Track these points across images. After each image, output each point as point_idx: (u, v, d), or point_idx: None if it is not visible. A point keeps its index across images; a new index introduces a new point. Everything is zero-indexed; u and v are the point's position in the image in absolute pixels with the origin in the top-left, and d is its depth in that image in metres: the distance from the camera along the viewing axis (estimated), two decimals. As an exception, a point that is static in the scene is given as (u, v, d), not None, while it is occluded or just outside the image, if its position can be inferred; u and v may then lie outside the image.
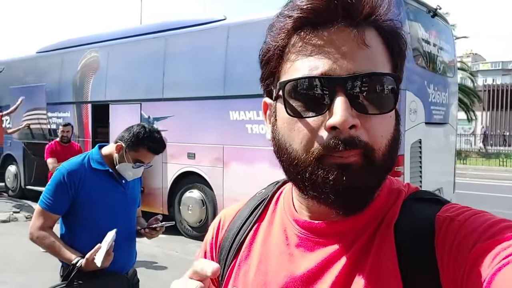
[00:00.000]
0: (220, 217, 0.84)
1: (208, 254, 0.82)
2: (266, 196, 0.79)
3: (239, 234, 0.77)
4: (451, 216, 0.59)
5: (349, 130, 0.56)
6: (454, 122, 6.73)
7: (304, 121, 0.59)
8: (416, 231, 0.60)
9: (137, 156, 2.19)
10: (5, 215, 7.76)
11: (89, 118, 8.18)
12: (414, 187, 0.69)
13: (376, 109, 0.59)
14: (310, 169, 0.59)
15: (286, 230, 0.70)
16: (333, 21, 0.58)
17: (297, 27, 0.60)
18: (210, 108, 6.50)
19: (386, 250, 0.60)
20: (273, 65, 0.64)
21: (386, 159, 0.60)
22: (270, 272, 0.68)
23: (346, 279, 0.61)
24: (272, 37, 0.64)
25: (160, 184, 7.09)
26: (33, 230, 2.09)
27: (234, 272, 0.74)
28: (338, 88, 0.57)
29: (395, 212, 0.63)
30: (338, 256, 0.63)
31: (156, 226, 2.31)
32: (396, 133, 0.63)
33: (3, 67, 10.26)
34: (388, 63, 0.62)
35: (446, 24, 6.42)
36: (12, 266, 5.20)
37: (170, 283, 0.68)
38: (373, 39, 0.60)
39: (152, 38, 7.37)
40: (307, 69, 0.59)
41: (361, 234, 0.63)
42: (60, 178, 2.06)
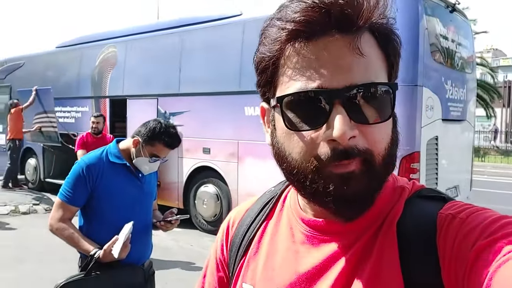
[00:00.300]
0: (230, 215, 0.86)
1: (219, 252, 0.84)
2: (275, 194, 0.81)
3: (248, 231, 0.78)
4: (452, 213, 0.60)
5: (348, 141, 0.57)
6: (472, 119, 6.64)
7: (303, 133, 0.60)
8: (418, 229, 0.60)
9: (153, 150, 2.24)
10: (25, 207, 7.94)
11: (107, 113, 8.30)
12: (420, 185, 0.69)
13: (374, 118, 0.59)
14: (310, 177, 0.60)
15: (292, 228, 0.71)
16: (327, 32, 0.58)
17: (291, 39, 0.60)
18: (225, 103, 6.54)
19: (388, 248, 0.61)
20: (269, 75, 0.64)
21: (386, 163, 0.61)
22: (277, 268, 0.70)
23: (349, 276, 0.62)
24: (266, 47, 0.63)
25: (175, 179, 7.18)
26: (53, 221, 2.15)
27: (244, 268, 0.76)
28: (336, 100, 0.57)
29: (398, 210, 0.64)
30: (341, 253, 0.64)
31: (171, 219, 2.36)
32: (394, 135, 0.64)
33: (23, 62, 10.46)
34: (384, 68, 0.62)
35: (465, 19, 6.32)
36: (32, 257, 5.34)
37: (184, 276, 0.70)
38: (368, 44, 0.59)
39: (168, 33, 7.43)
40: (304, 82, 0.59)
41: (364, 231, 0.64)
42: (79, 172, 2.12)
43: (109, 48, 8.30)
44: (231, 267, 0.80)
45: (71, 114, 9.14)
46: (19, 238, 6.19)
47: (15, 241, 6.03)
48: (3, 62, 11.15)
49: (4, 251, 5.53)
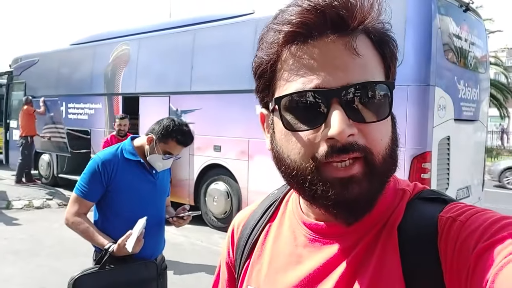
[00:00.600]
0: (235, 219, 0.87)
1: (225, 254, 0.85)
2: (277, 197, 0.82)
3: (252, 234, 0.79)
4: (453, 216, 0.59)
5: (347, 139, 0.57)
6: (485, 119, 6.58)
7: (302, 133, 0.60)
8: (419, 233, 0.60)
9: (166, 148, 2.28)
10: (39, 201, 8.07)
11: (120, 110, 8.39)
12: (421, 187, 0.69)
13: (372, 117, 0.59)
14: (309, 178, 0.60)
15: (294, 231, 0.72)
16: (323, 34, 0.59)
17: (288, 41, 0.61)
18: (236, 102, 6.57)
19: (389, 252, 0.61)
20: (267, 79, 0.65)
21: (387, 163, 0.61)
22: (280, 271, 0.71)
23: (350, 279, 0.62)
24: (264, 51, 0.64)
25: (187, 176, 7.23)
26: (69, 215, 2.21)
27: (249, 271, 0.77)
28: (333, 99, 0.57)
29: (399, 213, 0.64)
30: (343, 256, 0.64)
31: (183, 215, 2.40)
32: (394, 135, 0.64)
33: (38, 59, 10.60)
34: (380, 69, 0.62)
35: (478, 18, 6.26)
36: (45, 251, 5.44)
37: (194, 270, 0.73)
38: (364, 45, 0.60)
39: (181, 32, 7.48)
40: (301, 83, 0.59)
41: (366, 234, 0.64)
42: (94, 167, 2.17)
43: (122, 46, 8.38)
44: (237, 269, 0.81)
45: (84, 110, 9.25)
46: (32, 232, 6.30)
47: (28, 235, 6.14)
48: (18, 59, 11.31)
49: (18, 244, 5.64)
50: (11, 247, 5.53)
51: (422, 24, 4.96)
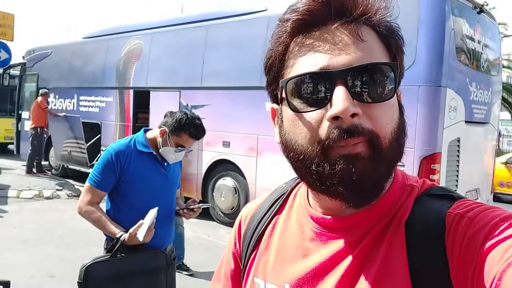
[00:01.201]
0: (243, 211, 0.88)
1: (232, 245, 0.86)
2: (285, 190, 0.82)
3: (259, 226, 0.80)
4: (461, 213, 0.59)
5: (351, 119, 0.57)
6: (496, 122, 6.54)
7: (307, 116, 0.61)
8: (426, 228, 0.60)
9: (179, 140, 2.31)
10: (49, 192, 8.17)
11: (131, 103, 8.45)
12: (430, 183, 0.69)
13: (376, 98, 0.60)
14: (316, 161, 0.60)
15: (302, 225, 0.72)
16: (327, 21, 0.61)
17: (295, 32, 0.63)
18: (246, 98, 6.59)
19: (396, 247, 0.61)
20: (275, 71, 0.66)
21: (393, 148, 0.61)
22: (287, 264, 0.71)
23: (356, 273, 0.62)
24: (273, 43, 0.67)
25: (195, 170, 7.28)
26: (81, 204, 2.25)
27: (255, 263, 0.77)
28: (337, 81, 0.58)
29: (406, 208, 0.64)
30: (349, 250, 0.64)
31: (193, 207, 2.44)
32: (401, 123, 0.63)
33: (51, 51, 10.71)
34: (386, 56, 0.63)
35: (492, 20, 6.22)
36: (55, 241, 5.52)
37: (201, 262, 0.74)
38: (368, 35, 0.61)
39: (193, 27, 7.51)
40: (307, 67, 0.61)
41: (372, 228, 0.64)
42: (108, 158, 2.21)
43: (135, 40, 8.43)
44: (243, 260, 0.81)
45: (95, 103, 9.33)
46: (42, 222, 6.39)
47: (38, 224, 6.23)
48: (32, 51, 11.43)
49: (27, 233, 5.73)
50: (21, 236, 5.61)
51: (435, 25, 4.94)
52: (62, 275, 4.29)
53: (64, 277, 4.17)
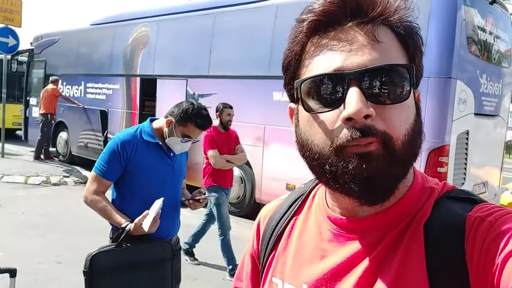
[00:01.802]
0: (261, 212, 0.88)
1: (250, 246, 0.87)
2: (304, 191, 0.82)
3: (277, 227, 0.80)
4: (481, 216, 0.59)
5: (364, 120, 0.57)
6: (506, 114, 6.46)
7: (322, 117, 0.61)
8: (446, 231, 0.60)
9: (185, 131, 2.30)
10: (56, 178, 8.23)
11: (137, 91, 8.45)
12: (451, 186, 0.68)
13: (390, 99, 0.60)
14: (330, 161, 0.61)
15: (320, 226, 0.72)
16: (343, 22, 0.61)
17: (311, 32, 0.64)
18: (254, 87, 6.55)
19: (414, 249, 0.61)
20: (292, 71, 0.67)
21: (407, 149, 0.60)
22: (304, 265, 0.72)
23: (373, 275, 0.62)
24: (290, 43, 0.67)
25: (201, 159, 7.27)
26: (87, 194, 2.25)
27: (273, 263, 0.78)
28: (351, 82, 0.58)
29: (426, 211, 0.64)
30: (367, 251, 0.64)
31: (199, 198, 2.43)
32: (416, 124, 0.63)
33: (58, 37, 10.70)
34: (403, 57, 0.63)
35: (504, 11, 6.10)
36: (61, 226, 5.57)
37: (205, 251, 0.74)
38: (385, 35, 0.61)
39: (201, 15, 7.45)
40: (322, 68, 0.61)
41: (390, 230, 0.64)
42: (114, 147, 2.20)
43: (142, 28, 8.39)
44: (261, 260, 0.82)
45: (102, 91, 9.34)
46: (49, 208, 6.45)
47: (45, 210, 6.29)
48: (39, 37, 11.43)
49: (35, 219, 5.78)
50: (29, 221, 5.67)
51: (446, 15, 4.86)
52: (69, 261, 4.33)
53: (71, 263, 4.22)
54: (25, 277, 3.95)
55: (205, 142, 4.57)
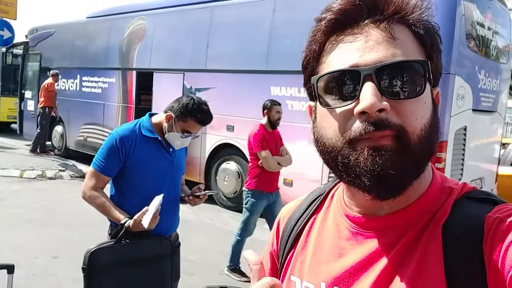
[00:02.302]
0: (281, 212, 0.89)
1: (270, 245, 0.87)
2: (323, 191, 0.83)
3: (296, 226, 0.81)
4: (501, 217, 0.58)
5: (379, 114, 0.58)
6: (503, 110, 6.47)
7: (338, 111, 0.62)
8: (464, 232, 0.59)
9: (185, 126, 2.27)
10: (52, 172, 8.19)
11: (133, 85, 8.39)
12: (471, 187, 0.68)
13: (405, 94, 0.60)
14: (342, 152, 0.62)
15: (338, 224, 0.73)
16: (360, 20, 0.63)
17: (329, 30, 0.65)
18: (251, 82, 6.52)
19: (432, 249, 0.61)
20: (310, 69, 0.69)
21: (423, 144, 0.60)
22: (323, 263, 0.72)
23: (392, 273, 0.62)
24: (308, 42, 0.69)
25: (198, 154, 7.26)
26: (86, 189, 2.22)
27: (292, 261, 0.78)
28: (366, 77, 0.59)
29: (445, 211, 0.63)
30: (385, 250, 0.64)
31: (199, 194, 2.41)
32: (433, 120, 0.63)
33: (54, 30, 10.60)
34: (419, 55, 0.63)
35: (503, 7, 6.09)
36: (56, 220, 5.54)
37: (202, 247, 0.73)
38: (401, 33, 0.62)
39: (198, 8, 7.39)
40: (338, 65, 0.63)
41: (409, 229, 0.64)
42: (112, 143, 2.17)
43: (138, 21, 8.33)
44: (280, 258, 0.83)
45: (98, 84, 9.28)
46: (45, 202, 6.41)
47: (41, 204, 6.25)
48: (35, 30, 11.32)
49: (31, 213, 5.75)
50: (24, 215, 5.63)
51: (446, 10, 4.84)
52: (65, 256, 4.30)
53: (68, 258, 4.19)
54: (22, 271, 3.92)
55: (255, 142, 4.23)
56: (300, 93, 5.85)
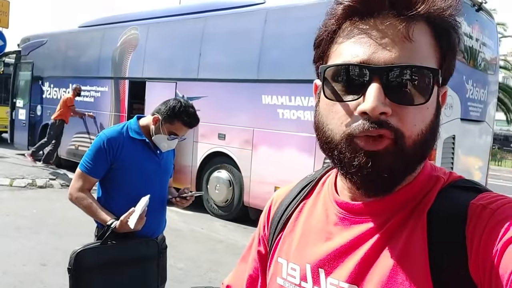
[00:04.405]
0: (273, 196, 0.91)
1: (261, 228, 0.89)
2: (314, 178, 0.85)
3: (286, 210, 0.83)
4: (484, 204, 0.60)
5: (379, 116, 0.59)
6: (491, 121, 6.56)
7: (341, 105, 0.63)
8: (448, 218, 0.61)
9: (172, 128, 2.29)
10: (42, 181, 8.13)
11: (126, 94, 8.40)
12: (457, 176, 0.70)
13: (410, 101, 0.60)
14: (339, 147, 0.63)
15: (327, 210, 0.75)
16: (380, 12, 0.61)
17: (344, 16, 0.64)
18: (243, 91, 6.57)
19: (417, 235, 0.62)
20: (322, 49, 0.69)
21: (417, 149, 0.61)
22: (309, 246, 0.74)
23: (375, 256, 0.64)
24: (324, 22, 0.68)
25: (190, 162, 7.26)
26: (72, 191, 2.22)
27: (280, 244, 0.80)
28: (374, 77, 0.59)
29: (430, 198, 0.65)
30: (370, 234, 0.66)
31: (186, 195, 2.42)
32: (432, 125, 0.63)
33: (46, 39, 10.61)
34: (432, 57, 0.62)
35: (490, 19, 6.21)
36: (47, 229, 5.48)
37: (193, 255, 0.74)
38: (420, 32, 0.61)
39: (190, 18, 7.46)
40: (348, 56, 0.62)
41: (394, 215, 0.66)
42: (100, 144, 2.19)
43: (131, 30, 8.37)
44: (269, 242, 0.84)
45: (90, 93, 9.27)
46: (34, 210, 6.35)
47: (30, 213, 6.19)
48: (27, 39, 11.33)
49: (20, 221, 5.69)
50: (13, 223, 5.58)
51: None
52: (54, 263, 4.27)
53: (56, 265, 4.16)
54: (9, 279, 3.89)
55: None
56: (291, 102, 5.89)
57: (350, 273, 0.65)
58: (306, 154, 5.69)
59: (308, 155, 5.66)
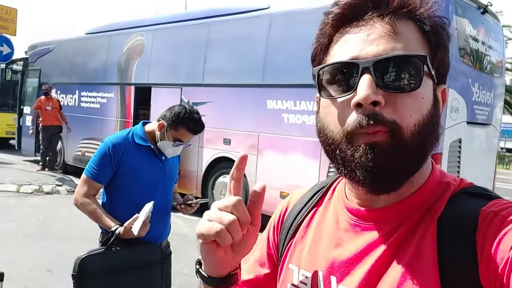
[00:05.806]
0: (287, 199, 0.91)
1: (271, 231, 0.89)
2: (325, 184, 0.85)
3: (298, 216, 0.83)
4: (495, 211, 0.60)
5: (373, 107, 0.60)
6: (498, 124, 6.50)
7: (336, 103, 0.64)
8: (458, 225, 0.61)
9: (177, 135, 2.29)
10: (49, 187, 8.17)
11: (132, 100, 8.44)
12: (468, 182, 0.70)
13: (401, 88, 0.61)
14: (340, 146, 0.64)
15: (338, 216, 0.75)
16: (365, 14, 0.64)
17: (336, 24, 0.67)
18: (248, 95, 6.57)
19: (427, 241, 0.62)
20: (317, 61, 0.71)
21: (416, 139, 0.61)
22: (320, 253, 0.74)
23: (386, 264, 0.64)
24: (317, 35, 0.71)
25: (195, 167, 7.26)
26: (77, 196, 2.23)
27: (291, 250, 0.81)
28: (364, 70, 0.61)
29: (441, 205, 0.65)
30: (381, 241, 0.66)
31: (191, 202, 2.41)
32: (431, 117, 0.63)
33: (53, 46, 10.70)
34: (421, 51, 0.64)
35: (496, 21, 6.18)
36: (53, 234, 5.51)
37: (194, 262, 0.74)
38: (407, 29, 0.64)
39: (195, 24, 7.50)
40: (340, 57, 0.65)
41: (405, 221, 0.66)
42: (105, 150, 2.19)
43: (137, 37, 8.42)
44: (280, 247, 0.84)
45: (96, 99, 9.33)
46: (41, 216, 6.38)
47: (37, 219, 6.22)
48: (34, 46, 11.43)
49: (26, 227, 5.72)
50: (20, 229, 5.60)
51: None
52: (60, 269, 4.27)
53: (62, 272, 4.14)
54: (15, 284, 3.90)
55: None
56: (296, 107, 5.89)
57: (361, 280, 0.66)
58: (312, 159, 5.67)
59: (314, 159, 5.64)
